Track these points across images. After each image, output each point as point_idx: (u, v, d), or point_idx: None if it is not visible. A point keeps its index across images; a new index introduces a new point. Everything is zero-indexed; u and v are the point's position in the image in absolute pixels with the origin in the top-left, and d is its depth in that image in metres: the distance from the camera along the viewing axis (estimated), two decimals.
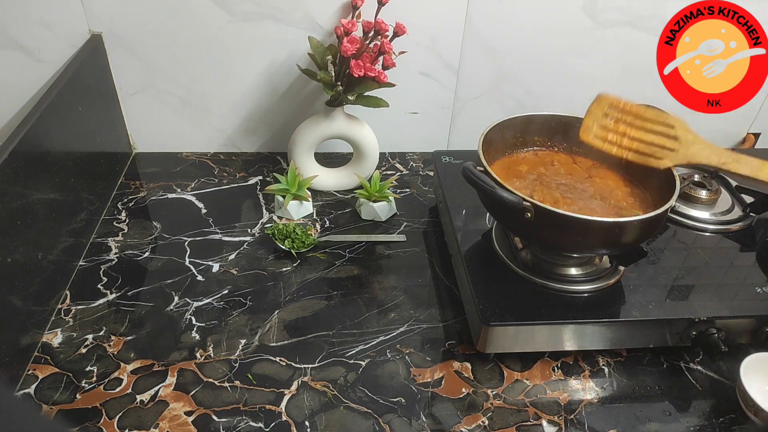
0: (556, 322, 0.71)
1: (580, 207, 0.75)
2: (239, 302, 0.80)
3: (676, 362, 0.75)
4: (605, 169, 0.83)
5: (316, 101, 1.06)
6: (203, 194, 0.99)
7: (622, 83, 1.08)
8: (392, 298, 0.82)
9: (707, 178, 0.94)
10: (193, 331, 0.75)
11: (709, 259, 0.83)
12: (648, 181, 0.78)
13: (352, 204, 0.99)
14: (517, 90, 1.08)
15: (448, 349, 0.75)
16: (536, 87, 1.09)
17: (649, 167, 0.74)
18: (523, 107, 1.10)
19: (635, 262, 0.76)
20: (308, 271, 0.85)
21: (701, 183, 0.93)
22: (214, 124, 1.07)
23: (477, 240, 0.83)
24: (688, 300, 0.75)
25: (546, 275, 0.76)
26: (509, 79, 1.07)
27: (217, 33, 0.97)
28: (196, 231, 0.91)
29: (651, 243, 0.84)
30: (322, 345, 0.75)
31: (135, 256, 0.86)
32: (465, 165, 0.69)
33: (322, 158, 1.05)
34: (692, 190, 0.91)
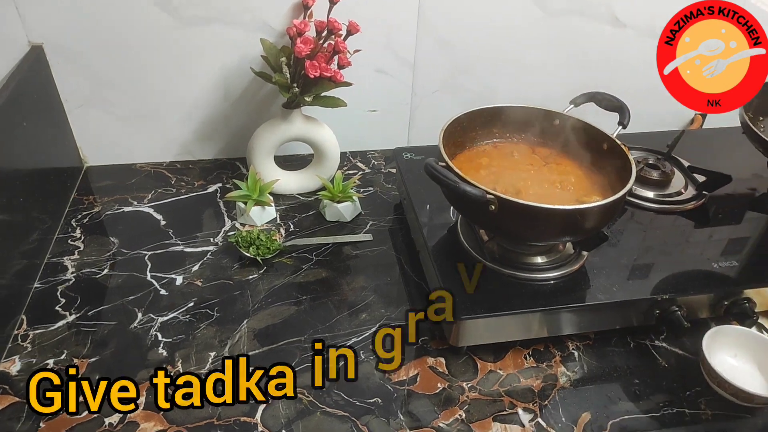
0: (526, 311, 0.72)
1: (541, 196, 0.76)
2: (206, 314, 0.78)
3: (642, 341, 0.77)
4: (563, 157, 0.84)
5: (272, 104, 1.04)
6: (161, 205, 0.97)
7: (574, 73, 1.10)
8: (362, 299, 0.82)
9: (660, 160, 0.97)
10: (159, 347, 0.74)
11: (666, 237, 0.85)
12: (604, 167, 0.80)
13: (315, 206, 0.99)
14: (473, 83, 1.09)
15: (421, 345, 0.76)
16: (492, 79, 1.10)
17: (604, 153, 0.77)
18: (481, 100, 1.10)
19: (597, 246, 0.77)
20: (275, 277, 0.84)
21: (655, 165, 0.96)
22: (167, 132, 1.05)
23: (443, 234, 0.83)
24: (650, 279, 0.77)
25: (513, 265, 0.77)
26: (465, 73, 1.08)
27: (165, 39, 0.94)
28: (156, 244, 0.89)
29: (611, 226, 0.86)
30: (294, 351, 0.74)
31: (93, 274, 0.83)
32: (427, 161, 0.69)
33: (282, 161, 1.04)
34: (647, 173, 0.94)
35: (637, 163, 0.94)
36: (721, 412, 0.69)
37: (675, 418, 0.68)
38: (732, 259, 0.80)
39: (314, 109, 0.96)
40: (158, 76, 0.98)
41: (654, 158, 0.98)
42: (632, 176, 0.72)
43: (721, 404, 0.69)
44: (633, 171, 0.73)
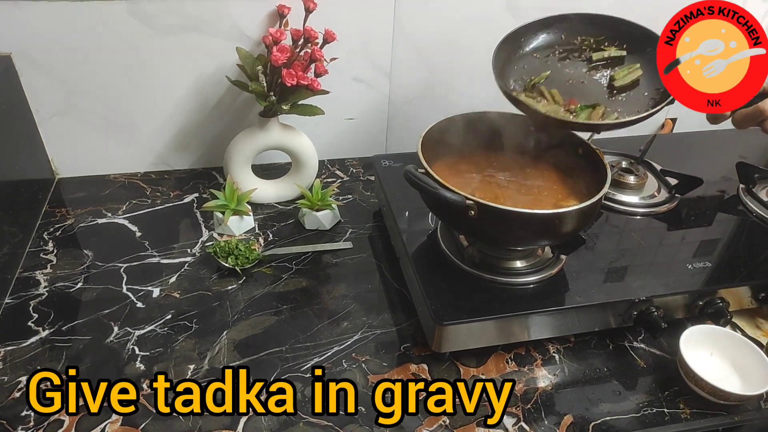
0: (506, 315, 0.72)
1: (519, 201, 0.77)
2: (184, 326, 0.77)
3: (621, 343, 0.79)
4: (540, 163, 0.85)
5: (249, 113, 1.04)
6: (136, 217, 0.96)
7: None
8: (343, 307, 0.81)
9: (634, 164, 0.99)
10: (136, 361, 0.72)
11: (641, 240, 0.87)
12: (580, 172, 0.82)
13: (294, 215, 0.98)
14: (449, 91, 1.10)
15: (403, 352, 0.76)
16: (468, 87, 1.11)
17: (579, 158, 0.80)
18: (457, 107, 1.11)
19: (575, 249, 0.78)
20: (255, 288, 0.84)
21: (629, 169, 0.98)
22: (142, 142, 1.03)
23: (423, 241, 0.84)
24: (626, 281, 0.78)
25: (493, 270, 0.78)
26: (441, 80, 1.09)
27: (140, 48, 0.93)
28: (131, 256, 0.88)
29: (587, 230, 0.88)
30: (275, 362, 0.73)
31: (67, 287, 0.82)
32: (406, 168, 0.70)
33: (259, 170, 1.03)
34: (621, 177, 0.96)
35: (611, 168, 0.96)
36: (699, 410, 0.70)
37: (655, 418, 0.69)
38: (705, 260, 0.82)
39: (292, 118, 0.96)
40: (133, 85, 0.97)
41: (627, 162, 1.00)
42: (607, 180, 0.73)
43: (699, 403, 0.71)
44: (608, 175, 0.74)
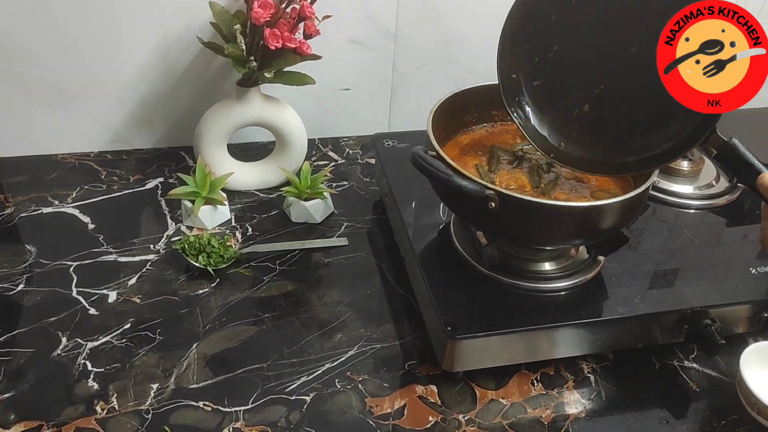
0: (532, 327, 0.72)
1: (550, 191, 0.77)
2: (146, 337, 0.77)
3: (669, 361, 0.78)
4: None
5: (224, 81, 1.04)
6: (89, 205, 0.96)
7: None
8: (337, 316, 0.81)
9: None
10: (89, 379, 0.72)
11: (695, 238, 0.87)
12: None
13: (278, 205, 0.98)
14: (466, 56, 1.10)
15: (408, 371, 0.76)
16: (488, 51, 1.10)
17: None
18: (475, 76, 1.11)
19: (616, 249, 0.78)
20: (231, 292, 0.84)
21: None
22: (96, 116, 1.03)
23: (433, 237, 0.83)
24: (677, 288, 0.78)
25: (516, 273, 0.78)
26: (457, 43, 1.08)
27: (94, 4, 0.93)
28: (83, 252, 0.88)
29: (631, 226, 0.87)
30: (255, 381, 0.73)
31: (5, 290, 0.82)
32: (414, 150, 0.69)
33: (237, 151, 1.03)
34: (672, 163, 0.95)
35: None
36: None
37: None
38: None
39: (276, 88, 0.96)
40: (86, 48, 0.96)
41: None
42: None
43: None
44: None
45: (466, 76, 1.11)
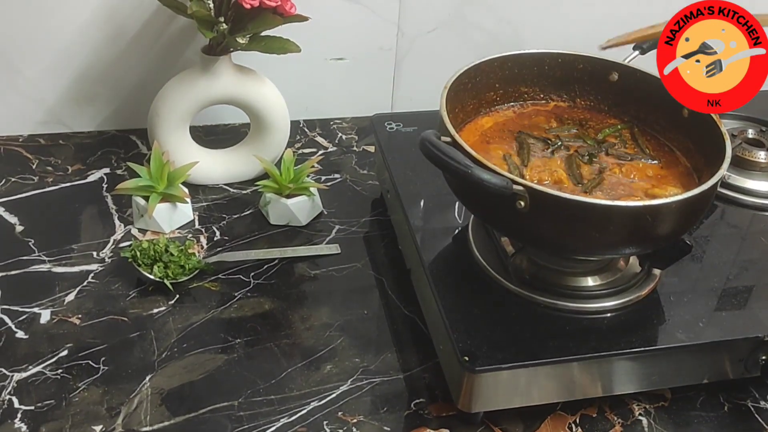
0: (571, 358, 0.72)
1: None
2: (88, 368, 0.77)
3: (742, 401, 0.79)
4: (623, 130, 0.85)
5: (187, 48, 1.04)
6: (16, 202, 0.96)
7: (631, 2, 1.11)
8: (326, 342, 0.82)
9: (766, 134, 0.99)
10: (15, 419, 0.72)
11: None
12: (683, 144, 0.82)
13: (254, 203, 0.99)
14: (487, 18, 1.10)
15: (414, 411, 0.76)
16: (514, 13, 1.11)
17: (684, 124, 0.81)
18: (499, 44, 1.11)
19: (676, 261, 0.78)
20: (194, 311, 0.84)
21: (758, 141, 0.97)
22: (25, 91, 1.04)
23: (446, 244, 0.84)
24: (751, 310, 0.78)
25: (550, 290, 0.78)
26: (475, 3, 1.09)
27: None
28: (9, 261, 0.88)
29: (694, 232, 0.87)
30: (224, 423, 0.73)
31: None
32: (424, 135, 0.69)
33: (202, 135, 1.04)
34: (746, 153, 0.96)
35: (732, 138, 0.95)
36: None
37: None
38: None
39: (251, 57, 0.96)
40: (12, 8, 0.97)
41: (756, 131, 0.99)
42: (726, 158, 0.73)
43: None
44: (727, 150, 0.74)
45: (488, 43, 1.11)
